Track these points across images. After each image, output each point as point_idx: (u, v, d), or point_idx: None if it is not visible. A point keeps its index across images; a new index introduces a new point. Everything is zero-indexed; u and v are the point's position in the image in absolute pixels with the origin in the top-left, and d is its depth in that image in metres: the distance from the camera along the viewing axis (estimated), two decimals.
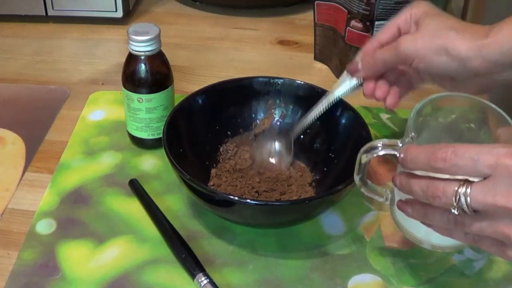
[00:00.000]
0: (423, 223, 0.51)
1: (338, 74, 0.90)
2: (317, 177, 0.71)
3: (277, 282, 0.60)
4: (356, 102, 0.73)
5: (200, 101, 0.72)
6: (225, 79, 0.75)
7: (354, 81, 0.65)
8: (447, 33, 0.58)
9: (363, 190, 0.58)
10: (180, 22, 1.07)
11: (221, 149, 0.73)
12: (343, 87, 0.66)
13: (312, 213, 0.64)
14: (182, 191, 0.70)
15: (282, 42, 1.01)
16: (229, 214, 0.64)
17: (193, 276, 0.59)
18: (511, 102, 0.60)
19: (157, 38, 0.70)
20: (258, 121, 0.75)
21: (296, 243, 0.65)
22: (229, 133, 0.74)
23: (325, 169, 0.70)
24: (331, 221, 0.67)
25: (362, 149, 0.54)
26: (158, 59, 0.71)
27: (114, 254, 0.63)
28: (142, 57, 0.70)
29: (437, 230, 0.51)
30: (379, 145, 0.53)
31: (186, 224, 0.66)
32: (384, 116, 0.82)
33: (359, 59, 0.64)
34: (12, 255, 0.63)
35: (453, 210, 0.46)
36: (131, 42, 0.69)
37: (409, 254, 0.63)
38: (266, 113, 0.75)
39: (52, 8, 1.03)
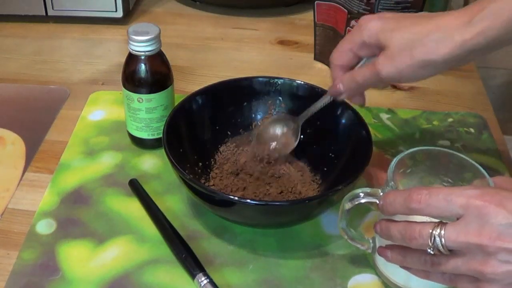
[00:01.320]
0: (402, 267, 0.54)
1: None
2: (317, 177, 0.71)
3: (277, 282, 0.60)
4: None
5: (200, 101, 0.72)
6: (225, 79, 0.75)
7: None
8: (421, 41, 0.55)
9: (346, 237, 0.60)
10: (180, 22, 1.07)
11: (221, 149, 0.73)
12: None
13: (312, 213, 0.64)
14: (182, 191, 0.70)
15: (282, 42, 1.01)
16: (229, 214, 0.64)
17: (193, 276, 0.59)
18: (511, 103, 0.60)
19: (157, 38, 0.70)
20: (258, 121, 0.75)
21: (296, 243, 0.65)
22: (229, 133, 0.74)
23: (325, 169, 0.70)
24: (331, 221, 0.67)
25: (345, 197, 0.57)
26: (158, 59, 0.71)
27: (114, 254, 0.63)
28: (142, 57, 0.70)
29: (416, 274, 0.53)
30: (361, 194, 0.56)
31: (186, 224, 0.66)
32: (384, 116, 0.82)
33: (338, 84, 0.63)
34: (12, 255, 0.63)
35: (429, 250, 0.48)
36: (131, 42, 0.69)
37: None
38: (266, 113, 0.75)
39: (52, 8, 1.03)
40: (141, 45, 0.69)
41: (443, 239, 0.47)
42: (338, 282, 0.61)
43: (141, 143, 0.76)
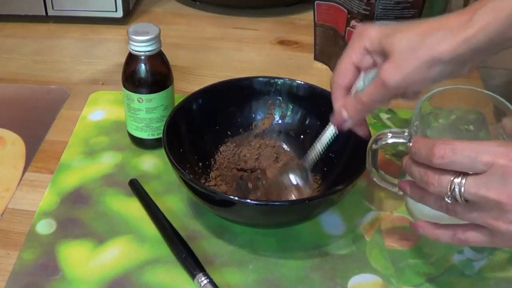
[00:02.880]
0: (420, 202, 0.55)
1: None
2: (317, 177, 0.71)
3: (277, 282, 0.60)
4: None
5: (200, 101, 0.72)
6: (225, 79, 0.75)
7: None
8: (424, 41, 0.53)
9: (375, 179, 0.60)
10: (180, 22, 1.07)
11: (221, 149, 0.73)
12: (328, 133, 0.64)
13: (312, 213, 0.64)
14: (182, 191, 0.70)
15: (282, 42, 1.01)
16: (229, 214, 0.64)
17: (193, 276, 0.59)
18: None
19: (157, 38, 0.70)
20: (258, 121, 0.75)
21: (296, 243, 0.65)
22: (229, 133, 0.74)
23: (325, 169, 0.70)
24: (331, 221, 0.67)
25: (372, 138, 0.58)
26: (158, 59, 0.71)
27: (114, 254, 0.63)
28: (142, 57, 0.70)
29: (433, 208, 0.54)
30: (389, 134, 0.57)
31: (186, 224, 0.66)
32: (384, 116, 0.82)
33: (341, 110, 0.60)
34: (12, 255, 0.63)
35: (446, 199, 0.49)
36: (131, 42, 0.69)
37: (409, 254, 0.63)
38: (266, 113, 0.75)
39: (52, 8, 1.03)
40: (141, 45, 0.69)
41: (462, 189, 0.47)
42: (338, 282, 0.61)
43: (141, 143, 0.76)
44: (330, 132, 0.63)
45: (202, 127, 0.72)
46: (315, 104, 0.72)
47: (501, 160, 0.46)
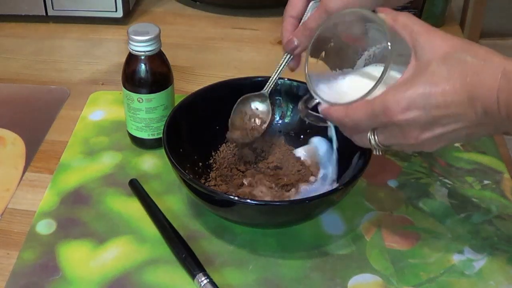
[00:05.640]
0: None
1: None
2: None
3: (277, 282, 0.60)
4: None
5: (200, 101, 0.72)
6: (225, 79, 0.75)
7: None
8: None
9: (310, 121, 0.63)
10: (180, 22, 1.07)
11: (221, 149, 0.73)
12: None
13: (312, 213, 0.64)
14: (182, 191, 0.70)
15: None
16: (229, 214, 0.64)
17: (193, 276, 0.59)
18: None
19: (157, 38, 0.70)
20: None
21: (296, 243, 0.65)
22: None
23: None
24: (331, 221, 0.67)
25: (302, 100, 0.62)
26: (158, 59, 0.71)
27: (114, 254, 0.63)
28: (142, 57, 0.70)
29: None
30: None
31: (186, 224, 0.66)
32: None
33: (292, 37, 0.66)
34: (12, 255, 0.63)
35: (374, 151, 0.56)
36: (131, 42, 0.69)
37: (409, 254, 0.63)
38: None
39: (52, 8, 1.03)
40: (141, 45, 0.69)
41: (378, 142, 0.54)
42: (338, 282, 0.61)
43: (141, 143, 0.76)
44: (283, 60, 0.68)
45: (202, 127, 0.72)
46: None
47: (387, 119, 0.51)
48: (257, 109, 0.70)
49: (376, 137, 0.54)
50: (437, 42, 0.51)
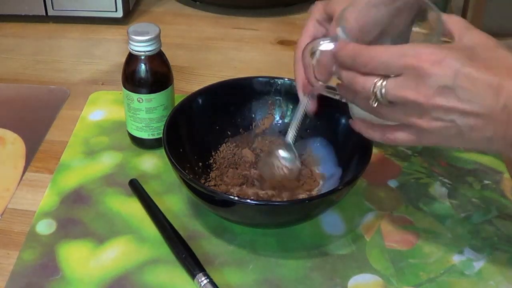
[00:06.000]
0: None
1: None
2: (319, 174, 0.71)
3: (277, 282, 0.60)
4: None
5: (200, 101, 0.72)
6: (225, 79, 0.75)
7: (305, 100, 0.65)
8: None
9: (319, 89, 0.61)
10: (180, 22, 1.07)
11: (221, 149, 0.73)
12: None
13: (312, 213, 0.64)
14: (182, 191, 0.70)
15: (282, 42, 1.01)
16: (229, 214, 0.64)
17: (193, 276, 0.59)
18: None
19: (157, 38, 0.70)
20: (258, 121, 0.75)
21: (296, 243, 0.65)
22: (229, 133, 0.74)
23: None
24: (331, 221, 0.67)
25: (308, 49, 0.57)
26: (158, 59, 0.71)
27: (114, 254, 0.63)
28: (142, 57, 0.70)
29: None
30: (320, 42, 0.56)
31: (186, 224, 0.66)
32: None
33: (308, 74, 0.61)
34: (12, 255, 0.63)
35: (371, 102, 0.52)
36: (131, 42, 0.69)
37: (409, 254, 0.63)
38: (266, 113, 0.75)
39: (52, 8, 1.03)
40: (141, 45, 0.69)
41: (383, 90, 0.50)
42: (338, 282, 0.61)
43: (141, 143, 0.76)
44: (303, 104, 0.65)
45: (202, 127, 0.72)
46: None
47: (413, 61, 0.49)
48: (283, 158, 0.67)
49: (385, 82, 0.51)
50: (483, 36, 0.52)
